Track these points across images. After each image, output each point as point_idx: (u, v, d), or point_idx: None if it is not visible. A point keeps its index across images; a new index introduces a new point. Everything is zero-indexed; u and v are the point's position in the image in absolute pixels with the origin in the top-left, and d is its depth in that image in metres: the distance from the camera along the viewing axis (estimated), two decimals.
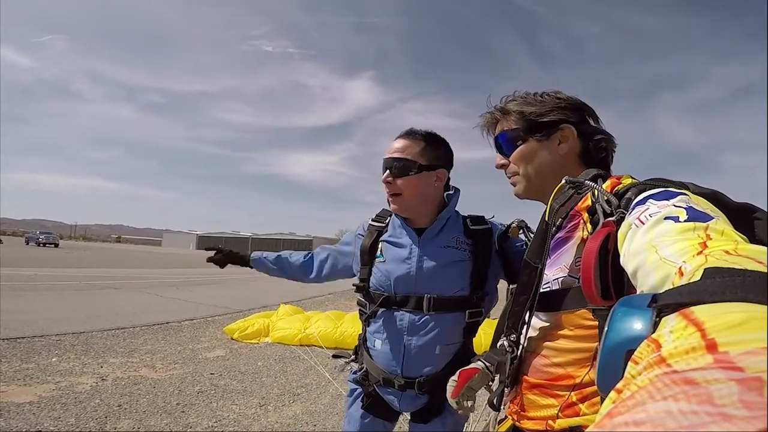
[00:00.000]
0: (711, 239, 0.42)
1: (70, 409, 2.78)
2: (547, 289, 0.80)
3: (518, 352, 0.85)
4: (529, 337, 0.85)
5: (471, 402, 0.99)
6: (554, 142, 0.89)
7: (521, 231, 1.18)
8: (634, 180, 0.75)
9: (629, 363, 0.25)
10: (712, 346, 0.21)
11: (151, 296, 8.39)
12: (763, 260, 0.33)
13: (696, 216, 0.48)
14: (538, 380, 0.81)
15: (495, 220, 1.31)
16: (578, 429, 0.72)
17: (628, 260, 0.52)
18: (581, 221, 0.76)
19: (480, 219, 1.29)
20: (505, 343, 0.87)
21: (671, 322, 0.26)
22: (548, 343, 0.80)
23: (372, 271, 1.28)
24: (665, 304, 0.31)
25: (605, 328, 0.34)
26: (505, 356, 0.86)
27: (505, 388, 0.87)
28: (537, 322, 0.85)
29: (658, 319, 0.31)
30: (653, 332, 0.29)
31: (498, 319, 0.97)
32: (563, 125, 0.88)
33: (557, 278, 0.79)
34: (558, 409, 0.75)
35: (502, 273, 1.25)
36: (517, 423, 0.85)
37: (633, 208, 0.59)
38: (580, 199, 0.77)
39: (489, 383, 0.98)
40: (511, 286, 1.12)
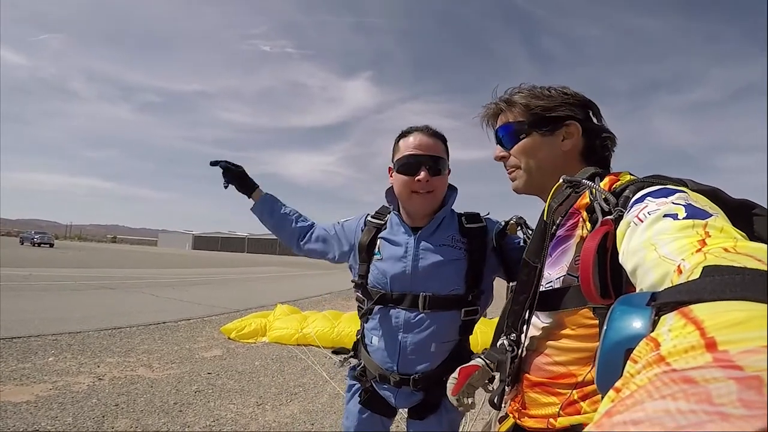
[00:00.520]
0: (710, 236, 0.42)
1: (67, 408, 2.77)
2: (548, 288, 0.80)
3: (519, 351, 0.85)
4: (531, 336, 0.85)
5: (471, 399, 0.99)
6: (558, 138, 0.88)
7: (519, 228, 1.17)
8: (633, 177, 0.74)
9: (628, 362, 0.25)
10: (711, 345, 0.21)
11: (147, 296, 8.34)
12: (762, 258, 0.33)
13: (695, 213, 0.48)
14: (539, 378, 0.81)
15: (491, 217, 1.30)
16: (579, 427, 0.72)
17: (627, 258, 0.51)
18: (580, 219, 0.76)
19: (475, 217, 1.28)
20: (506, 342, 0.87)
21: (670, 320, 0.26)
22: (550, 342, 0.80)
23: (370, 268, 1.28)
24: (664, 302, 0.31)
25: (604, 327, 0.34)
26: (506, 355, 0.86)
27: (506, 386, 0.87)
28: (538, 321, 0.84)
29: (657, 317, 0.30)
30: (652, 331, 0.29)
31: (498, 319, 0.97)
32: (569, 121, 0.87)
33: (558, 277, 0.78)
34: (559, 407, 0.75)
35: (501, 271, 1.24)
36: (518, 421, 0.84)
37: (631, 206, 0.59)
38: (578, 197, 0.77)
39: (487, 382, 0.98)
40: (511, 284, 1.11)
